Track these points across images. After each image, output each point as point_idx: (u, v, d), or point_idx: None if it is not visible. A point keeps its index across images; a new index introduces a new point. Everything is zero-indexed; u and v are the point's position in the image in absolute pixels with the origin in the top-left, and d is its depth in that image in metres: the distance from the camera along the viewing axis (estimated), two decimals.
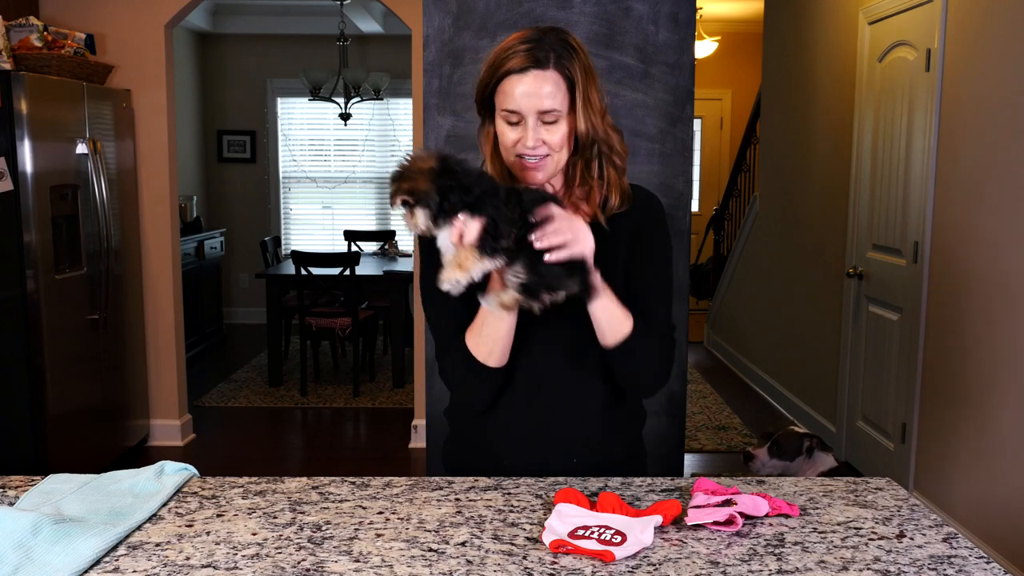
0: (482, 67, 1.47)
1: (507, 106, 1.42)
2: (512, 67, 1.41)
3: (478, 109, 1.51)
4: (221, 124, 8.06)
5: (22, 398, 3.67)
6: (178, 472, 1.54)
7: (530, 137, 1.42)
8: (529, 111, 1.41)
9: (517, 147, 1.44)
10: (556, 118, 1.42)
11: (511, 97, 1.41)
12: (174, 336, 4.66)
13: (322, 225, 8.29)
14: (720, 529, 1.31)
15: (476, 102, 1.50)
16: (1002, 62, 3.14)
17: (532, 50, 1.41)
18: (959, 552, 1.27)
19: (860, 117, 4.29)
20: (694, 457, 4.54)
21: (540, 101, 1.40)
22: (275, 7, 7.60)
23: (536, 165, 1.45)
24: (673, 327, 1.58)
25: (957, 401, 3.41)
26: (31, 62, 3.81)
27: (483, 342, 1.46)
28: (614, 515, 1.34)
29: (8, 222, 3.59)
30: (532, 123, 1.41)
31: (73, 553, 1.20)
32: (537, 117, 1.41)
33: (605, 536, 1.26)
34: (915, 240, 3.73)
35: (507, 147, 1.46)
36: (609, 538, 1.25)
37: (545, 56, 1.41)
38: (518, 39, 1.43)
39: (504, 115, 1.44)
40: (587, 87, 1.43)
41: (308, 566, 1.21)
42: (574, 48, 1.44)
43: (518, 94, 1.41)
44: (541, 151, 1.43)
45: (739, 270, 6.57)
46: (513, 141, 1.44)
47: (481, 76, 1.46)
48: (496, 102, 1.45)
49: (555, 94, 1.41)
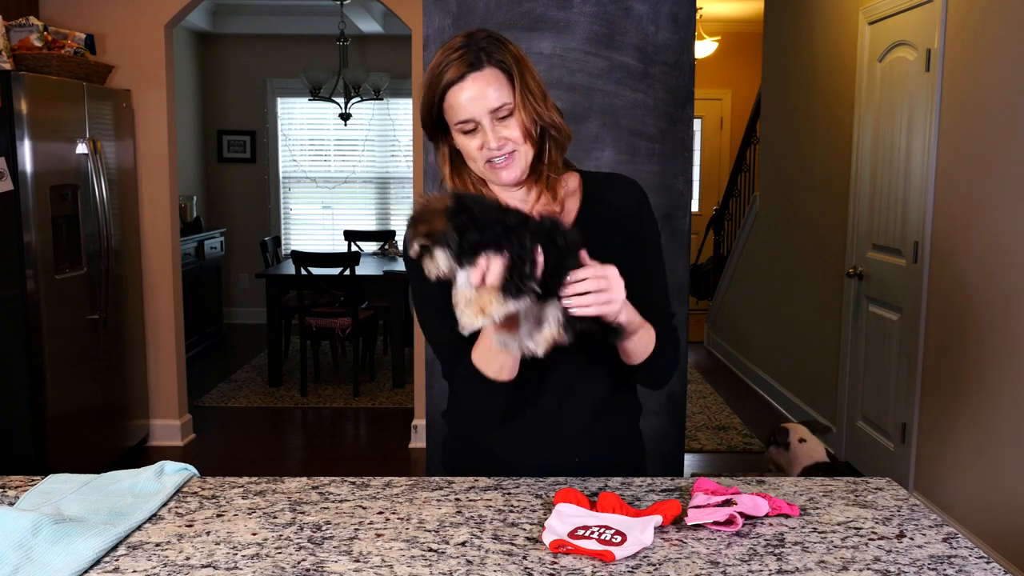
0: (422, 91, 1.46)
1: (459, 117, 1.41)
2: (450, 79, 1.40)
3: (429, 134, 1.49)
4: (221, 124, 8.06)
5: (22, 398, 3.68)
6: (178, 472, 1.54)
7: (491, 137, 1.41)
8: (481, 114, 1.40)
9: (483, 152, 1.43)
10: (508, 111, 1.42)
11: (459, 107, 1.41)
12: (174, 336, 4.66)
13: (322, 225, 8.29)
14: (720, 529, 1.31)
15: (424, 128, 1.48)
16: (1002, 62, 3.14)
17: (463, 56, 1.40)
18: (959, 552, 1.27)
19: (860, 117, 4.29)
20: (694, 457, 4.54)
21: (487, 101, 1.40)
22: (275, 7, 7.60)
23: (506, 164, 1.44)
24: (673, 314, 1.59)
25: (957, 401, 3.41)
26: (31, 62, 3.81)
27: (492, 361, 1.42)
28: (614, 515, 1.34)
29: (8, 222, 3.59)
30: (488, 124, 1.41)
31: (73, 553, 1.20)
32: (491, 117, 1.41)
33: (605, 536, 1.26)
34: (915, 240, 3.73)
35: (474, 157, 1.45)
36: (609, 538, 1.25)
37: (476, 57, 1.40)
38: (445, 51, 1.43)
39: (459, 127, 1.43)
40: (523, 75, 1.43)
41: (308, 566, 1.21)
42: (500, 40, 1.44)
43: (464, 101, 1.40)
44: (507, 148, 1.43)
45: (739, 270, 6.57)
46: (477, 148, 1.43)
47: (424, 99, 1.45)
48: (447, 119, 1.44)
49: (499, 90, 1.41)
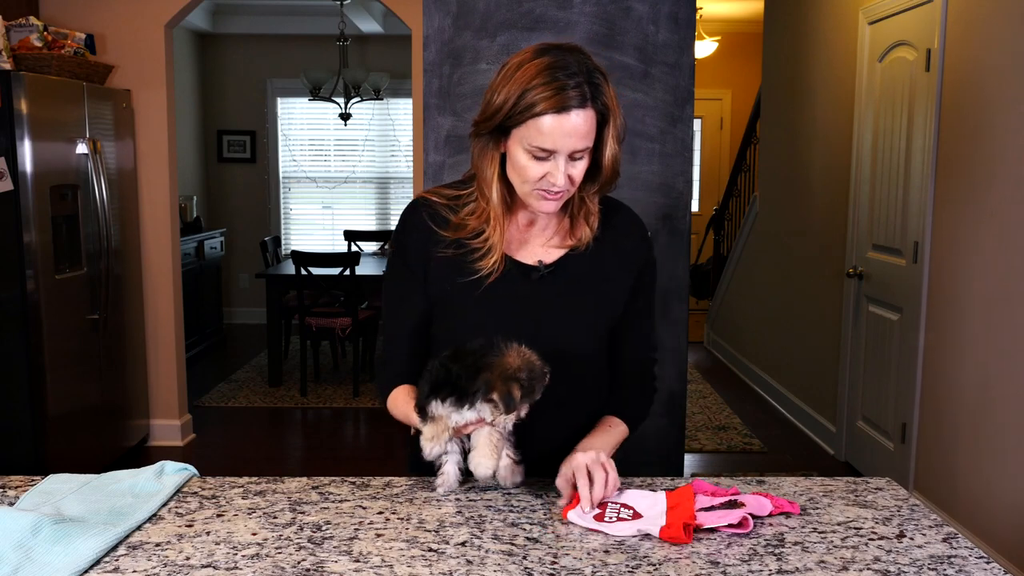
0: (500, 91, 1.38)
1: (540, 144, 1.36)
2: (555, 106, 1.33)
3: (486, 128, 1.41)
4: (221, 124, 8.05)
5: (22, 398, 3.67)
6: (178, 472, 1.54)
7: (560, 175, 1.38)
8: (563, 150, 1.37)
9: (542, 183, 1.40)
10: (584, 155, 1.40)
11: (546, 136, 1.35)
12: (174, 336, 4.66)
13: (322, 225, 8.29)
14: (734, 532, 1.31)
15: (485, 122, 1.41)
16: (1002, 62, 3.14)
17: (571, 87, 1.34)
18: (959, 552, 1.27)
19: (860, 117, 4.29)
20: (694, 457, 4.54)
21: (577, 142, 1.36)
22: (275, 7, 7.60)
23: (557, 198, 1.43)
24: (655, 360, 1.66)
25: (957, 401, 3.41)
26: (31, 62, 3.81)
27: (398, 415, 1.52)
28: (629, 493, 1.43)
29: (8, 222, 3.59)
30: (563, 160, 1.38)
31: (73, 553, 1.20)
32: (568, 155, 1.38)
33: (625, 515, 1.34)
34: (915, 240, 3.73)
35: (529, 180, 1.41)
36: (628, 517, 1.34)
37: (582, 94, 1.34)
38: (549, 71, 1.34)
39: (532, 150, 1.38)
40: (615, 119, 1.40)
41: (308, 566, 1.21)
42: (602, 76, 1.39)
43: (558, 134, 1.35)
44: (566, 186, 1.41)
45: (739, 270, 6.57)
46: (538, 176, 1.39)
47: (504, 103, 1.37)
48: (522, 133, 1.38)
49: (589, 134, 1.38)
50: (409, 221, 1.55)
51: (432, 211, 1.52)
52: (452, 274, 1.49)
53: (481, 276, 1.48)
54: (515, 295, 1.49)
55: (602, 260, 1.52)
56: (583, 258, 1.52)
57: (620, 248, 1.54)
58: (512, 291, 1.49)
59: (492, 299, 1.48)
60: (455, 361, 1.35)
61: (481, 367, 1.33)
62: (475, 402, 1.34)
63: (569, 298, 1.51)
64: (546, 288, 1.50)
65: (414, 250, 1.53)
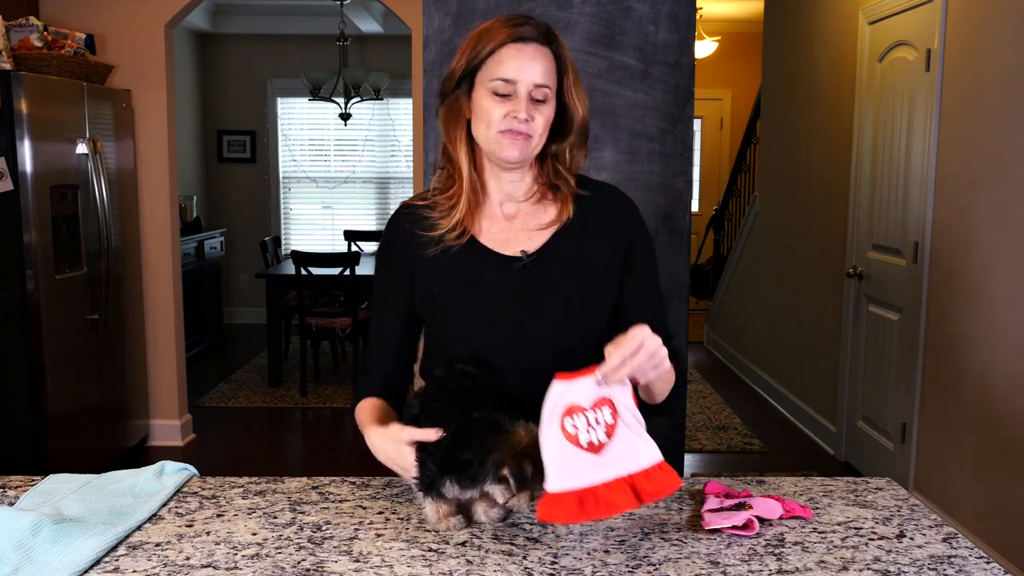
0: (468, 42, 1.45)
1: (503, 75, 1.40)
2: (515, 35, 1.41)
3: (452, 86, 1.46)
4: (221, 124, 8.05)
5: (22, 398, 3.67)
6: (178, 472, 1.54)
7: (523, 108, 1.41)
8: (525, 83, 1.40)
9: (506, 120, 1.41)
10: (545, 96, 1.43)
11: (507, 65, 1.40)
12: (174, 336, 4.66)
13: (322, 225, 8.29)
14: (738, 534, 1.31)
15: (450, 80, 1.46)
16: (1002, 62, 3.14)
17: (532, 27, 1.42)
18: (959, 552, 1.27)
19: (860, 117, 4.29)
20: (694, 457, 4.54)
21: (536, 73, 1.41)
22: (275, 7, 7.60)
23: (521, 138, 1.42)
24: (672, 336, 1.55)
25: (957, 401, 3.41)
26: (31, 62, 3.81)
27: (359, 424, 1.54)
28: None
29: (8, 222, 3.59)
30: (524, 95, 1.41)
31: (73, 553, 1.20)
32: (529, 92, 1.41)
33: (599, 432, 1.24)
34: (915, 240, 3.73)
35: (493, 121, 1.42)
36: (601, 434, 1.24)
37: (539, 31, 1.43)
38: (505, 18, 1.44)
39: (495, 85, 1.41)
40: (574, 72, 1.46)
41: (308, 566, 1.21)
42: (559, 38, 1.47)
43: (518, 62, 1.40)
44: (528, 129, 1.42)
45: (739, 270, 6.57)
46: (502, 114, 1.41)
47: (471, 47, 1.43)
48: (486, 72, 1.42)
49: (549, 71, 1.43)
50: (391, 229, 1.56)
51: (412, 216, 1.52)
52: (438, 271, 1.49)
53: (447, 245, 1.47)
54: (499, 287, 1.47)
55: (588, 243, 1.49)
56: (568, 244, 1.49)
57: (606, 228, 1.52)
58: (496, 283, 1.47)
59: (477, 293, 1.48)
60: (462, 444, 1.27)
61: (490, 448, 1.26)
62: (486, 482, 1.27)
63: (555, 284, 1.48)
64: (530, 278, 1.47)
65: (398, 257, 1.53)
